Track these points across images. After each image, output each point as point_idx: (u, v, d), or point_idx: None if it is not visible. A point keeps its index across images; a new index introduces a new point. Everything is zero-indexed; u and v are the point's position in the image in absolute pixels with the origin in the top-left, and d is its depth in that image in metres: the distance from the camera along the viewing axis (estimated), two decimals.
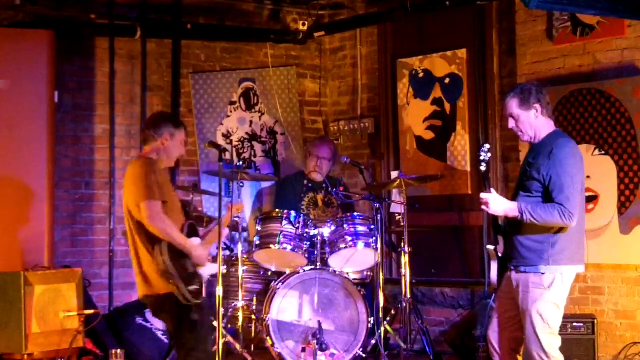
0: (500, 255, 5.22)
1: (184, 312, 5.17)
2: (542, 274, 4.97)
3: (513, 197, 5.17)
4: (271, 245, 7.05)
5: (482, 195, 5.07)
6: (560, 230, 4.96)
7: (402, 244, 7.26)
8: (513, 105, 5.09)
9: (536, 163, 5.02)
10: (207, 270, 5.30)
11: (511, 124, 5.16)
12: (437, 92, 8.20)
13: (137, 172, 5.23)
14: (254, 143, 8.69)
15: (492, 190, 5.09)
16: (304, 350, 6.76)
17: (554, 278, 4.97)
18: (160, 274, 5.10)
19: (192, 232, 5.28)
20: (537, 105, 5.06)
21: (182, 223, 5.26)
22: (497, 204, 5.03)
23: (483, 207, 5.07)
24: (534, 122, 5.08)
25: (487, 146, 5.26)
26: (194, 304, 5.15)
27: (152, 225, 5.07)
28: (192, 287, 5.13)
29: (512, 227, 5.09)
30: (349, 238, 7.06)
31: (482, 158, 5.20)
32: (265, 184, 8.63)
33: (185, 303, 5.12)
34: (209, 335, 5.39)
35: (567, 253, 4.99)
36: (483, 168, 5.21)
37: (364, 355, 6.93)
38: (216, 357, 5.38)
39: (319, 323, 6.73)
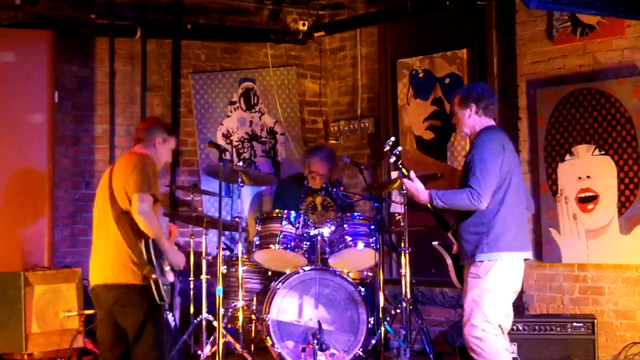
0: (454, 253, 5.38)
1: (153, 309, 5.20)
2: (480, 262, 5.12)
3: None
4: (271, 245, 7.05)
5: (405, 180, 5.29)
6: (493, 218, 5.10)
7: (402, 244, 7.25)
8: (454, 102, 5.43)
9: (468, 155, 5.27)
10: (170, 277, 5.33)
11: (454, 119, 5.47)
12: (437, 92, 8.20)
13: (135, 163, 5.23)
14: (254, 143, 8.68)
15: (412, 173, 5.30)
16: (304, 350, 6.75)
17: (492, 265, 5.10)
18: (139, 267, 5.11)
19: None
20: (472, 105, 5.31)
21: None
22: (412, 188, 5.26)
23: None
24: (467, 120, 5.35)
25: (392, 138, 5.56)
26: (164, 302, 5.20)
27: (140, 217, 5.07)
28: (165, 287, 5.17)
29: (459, 224, 5.26)
30: (349, 238, 7.05)
31: (386, 149, 5.46)
32: None
33: (158, 301, 5.14)
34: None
35: (504, 239, 5.12)
36: (392, 160, 5.43)
37: (364, 355, 6.92)
38: (216, 357, 5.38)
39: (319, 323, 6.72)
